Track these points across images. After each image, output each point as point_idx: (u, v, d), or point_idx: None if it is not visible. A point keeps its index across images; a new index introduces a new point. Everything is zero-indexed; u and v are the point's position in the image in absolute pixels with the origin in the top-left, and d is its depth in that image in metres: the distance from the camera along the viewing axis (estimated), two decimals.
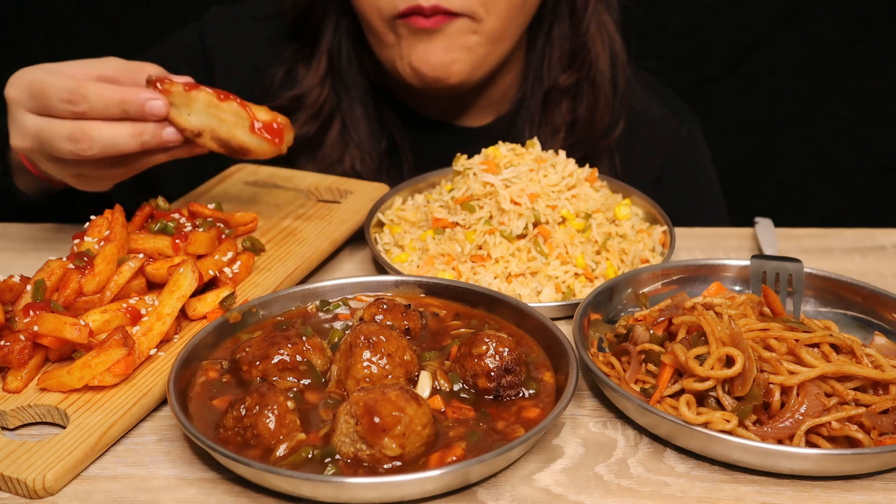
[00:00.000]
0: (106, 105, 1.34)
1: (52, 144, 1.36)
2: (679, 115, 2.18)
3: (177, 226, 1.46)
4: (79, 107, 1.33)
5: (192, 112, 1.39)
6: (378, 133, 2.01)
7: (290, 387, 1.18)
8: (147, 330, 1.26)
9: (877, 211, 3.12)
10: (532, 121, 2.02)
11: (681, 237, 1.71)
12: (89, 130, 1.34)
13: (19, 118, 1.38)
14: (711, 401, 1.17)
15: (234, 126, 1.40)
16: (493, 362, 1.18)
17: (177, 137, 1.40)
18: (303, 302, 1.36)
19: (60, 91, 1.33)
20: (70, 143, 1.34)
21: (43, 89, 1.34)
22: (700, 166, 2.22)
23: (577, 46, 1.98)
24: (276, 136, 1.41)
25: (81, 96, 1.33)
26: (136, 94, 1.35)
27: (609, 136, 2.02)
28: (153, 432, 1.19)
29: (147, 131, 1.37)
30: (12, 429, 1.17)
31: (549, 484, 1.11)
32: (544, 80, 2.01)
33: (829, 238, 1.75)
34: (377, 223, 1.67)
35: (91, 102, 1.33)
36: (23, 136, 1.39)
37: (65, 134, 1.34)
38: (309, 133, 1.96)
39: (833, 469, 1.11)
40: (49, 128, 1.35)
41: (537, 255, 1.51)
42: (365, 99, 2.00)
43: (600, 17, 1.97)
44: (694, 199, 2.14)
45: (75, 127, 1.34)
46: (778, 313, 1.31)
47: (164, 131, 1.38)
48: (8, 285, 1.28)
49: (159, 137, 1.38)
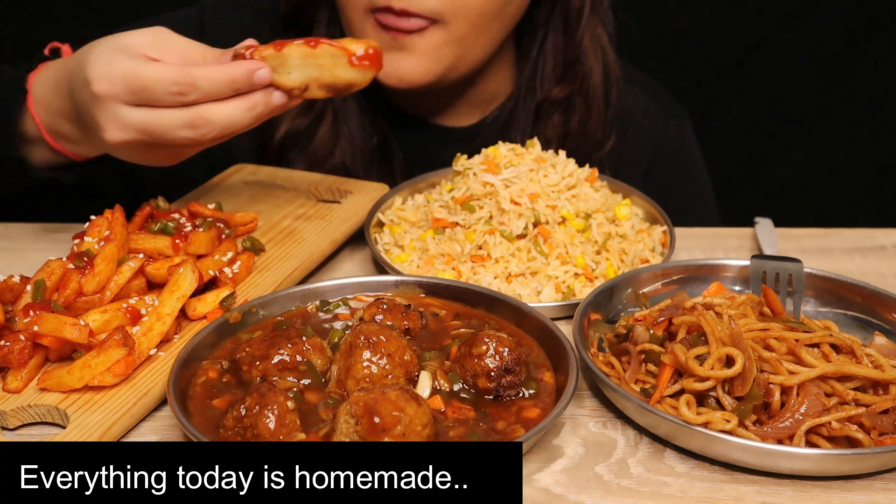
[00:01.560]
0: (218, 89, 1.32)
1: (167, 135, 1.33)
2: (666, 110, 2.16)
3: (177, 226, 1.46)
4: (190, 96, 1.31)
5: (291, 69, 1.36)
6: (369, 129, 2.01)
7: (290, 387, 1.18)
8: (147, 330, 1.26)
9: (877, 211, 3.11)
10: (524, 132, 2.02)
11: (681, 237, 1.71)
12: (206, 115, 1.32)
13: (117, 112, 1.33)
14: (711, 401, 1.17)
15: (335, 67, 1.37)
16: (493, 362, 1.18)
17: (284, 100, 1.37)
18: (303, 302, 1.36)
19: (167, 84, 1.30)
20: (189, 130, 1.32)
21: (144, 84, 1.30)
22: (688, 162, 2.20)
23: (570, 59, 1.97)
24: (375, 61, 1.39)
25: (191, 86, 1.30)
26: (241, 69, 1.33)
27: (601, 148, 2.02)
28: (153, 432, 1.19)
29: (260, 103, 1.35)
30: (12, 429, 1.18)
31: (549, 484, 1.11)
32: (537, 92, 2.01)
33: (829, 238, 1.75)
34: (377, 223, 1.67)
35: (203, 90, 1.31)
36: (124, 129, 1.34)
37: (180, 122, 1.32)
38: (301, 127, 1.96)
39: (833, 469, 1.11)
40: (160, 119, 1.32)
41: (537, 255, 1.51)
42: (356, 93, 2.00)
43: (594, 30, 1.97)
44: (682, 195, 2.11)
45: (193, 114, 1.32)
46: (778, 313, 1.31)
47: (273, 97, 1.36)
48: (8, 285, 1.28)
49: (270, 106, 1.36)
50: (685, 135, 2.19)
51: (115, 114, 1.33)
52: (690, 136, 2.20)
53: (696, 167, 2.22)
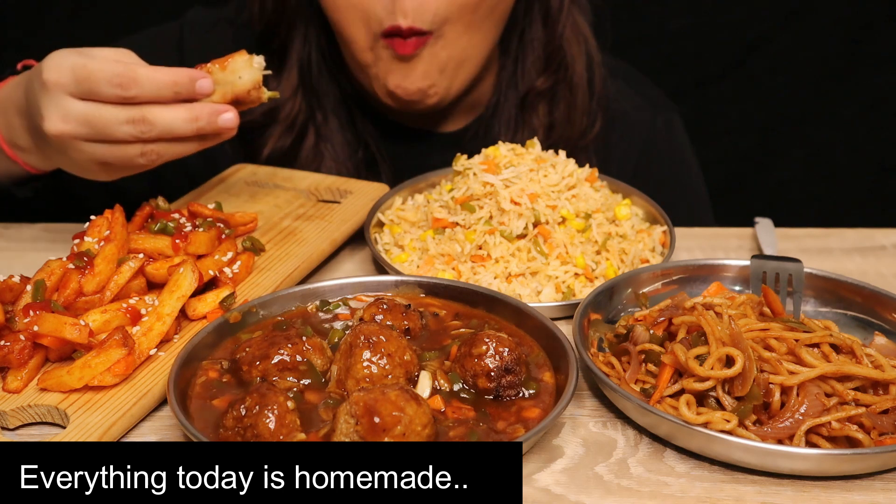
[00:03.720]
0: (159, 88, 1.33)
1: (108, 128, 1.34)
2: (655, 105, 2.15)
3: (177, 226, 1.46)
4: (130, 91, 1.32)
5: (241, 73, 1.40)
6: (354, 143, 2.01)
7: (290, 387, 1.18)
8: (147, 330, 1.26)
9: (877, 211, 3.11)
10: (509, 125, 2.01)
11: (681, 237, 1.71)
12: (147, 114, 1.34)
13: (61, 102, 1.35)
14: (711, 401, 1.17)
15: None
16: (493, 362, 1.18)
17: (232, 124, 1.39)
18: (303, 302, 1.36)
19: (110, 76, 1.32)
20: (129, 125, 1.34)
21: (88, 74, 1.33)
22: (678, 158, 2.19)
23: (552, 50, 1.97)
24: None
25: (132, 80, 1.32)
26: (184, 74, 1.35)
27: (586, 136, 2.02)
28: (153, 432, 1.19)
29: (203, 116, 1.37)
30: (12, 429, 1.18)
31: (549, 484, 1.11)
32: (520, 85, 2.00)
33: (829, 238, 1.75)
34: (377, 223, 1.67)
35: (143, 87, 1.33)
36: (65, 120, 1.35)
37: (122, 118, 1.34)
38: (284, 146, 1.96)
39: (833, 469, 1.11)
40: (101, 111, 1.34)
41: (537, 255, 1.51)
42: (338, 110, 1.99)
43: (574, 19, 1.96)
44: (672, 191, 2.10)
45: (135, 111, 1.33)
46: (778, 313, 1.31)
47: (221, 117, 1.38)
48: (8, 285, 1.28)
49: (215, 124, 1.38)
50: (674, 130, 2.17)
51: (59, 103, 1.35)
52: (680, 132, 2.18)
53: (687, 163, 2.20)
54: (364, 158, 2.02)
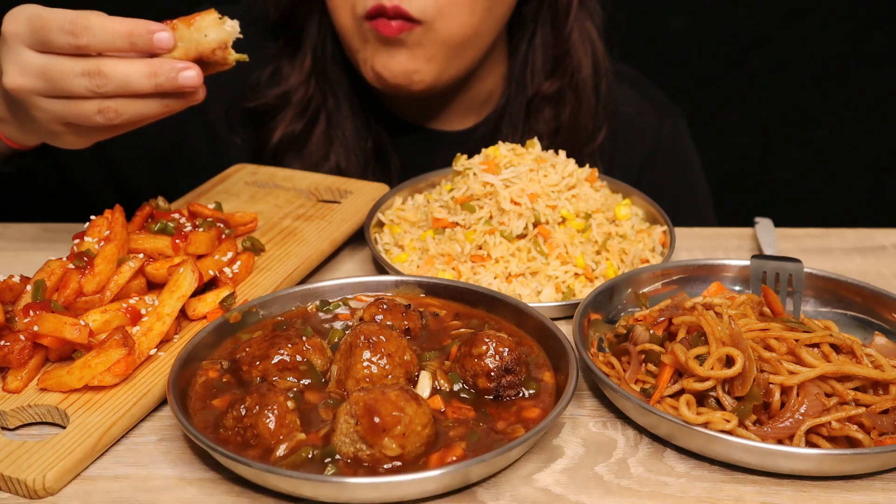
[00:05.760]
0: (113, 38, 1.28)
1: (63, 82, 1.29)
2: (660, 110, 2.16)
3: (177, 226, 1.46)
4: (81, 39, 1.27)
5: (207, 32, 1.33)
6: (364, 132, 2.02)
7: (290, 387, 1.18)
8: (147, 330, 1.26)
9: (877, 211, 3.11)
10: (515, 127, 2.02)
11: (681, 237, 1.71)
12: (102, 66, 1.28)
13: (19, 54, 1.31)
14: (711, 401, 1.17)
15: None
16: (493, 362, 1.18)
17: (194, 82, 1.32)
18: (303, 302, 1.36)
19: (62, 22, 1.27)
20: (84, 78, 1.29)
21: (43, 22, 1.28)
22: (683, 162, 2.20)
23: (559, 53, 1.98)
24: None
25: (84, 28, 1.27)
26: (141, 24, 1.29)
27: (592, 141, 2.02)
28: (153, 432, 1.19)
29: (162, 73, 1.30)
30: (12, 429, 1.18)
31: (549, 484, 1.11)
32: (527, 87, 2.01)
33: (829, 238, 1.75)
34: (377, 223, 1.67)
35: (95, 35, 1.27)
36: (22, 73, 1.32)
37: (78, 70, 1.29)
38: (295, 131, 1.96)
39: (833, 469, 1.11)
40: (56, 64, 1.30)
41: (537, 255, 1.51)
42: (350, 97, 2.00)
43: (583, 23, 1.97)
44: (677, 195, 2.11)
45: (90, 63, 1.29)
46: (778, 313, 1.31)
47: (181, 74, 1.31)
48: (8, 285, 1.28)
49: (176, 81, 1.31)
50: (680, 134, 2.18)
51: (16, 56, 1.32)
52: (685, 136, 2.20)
53: (691, 167, 2.21)
54: (373, 147, 2.03)
